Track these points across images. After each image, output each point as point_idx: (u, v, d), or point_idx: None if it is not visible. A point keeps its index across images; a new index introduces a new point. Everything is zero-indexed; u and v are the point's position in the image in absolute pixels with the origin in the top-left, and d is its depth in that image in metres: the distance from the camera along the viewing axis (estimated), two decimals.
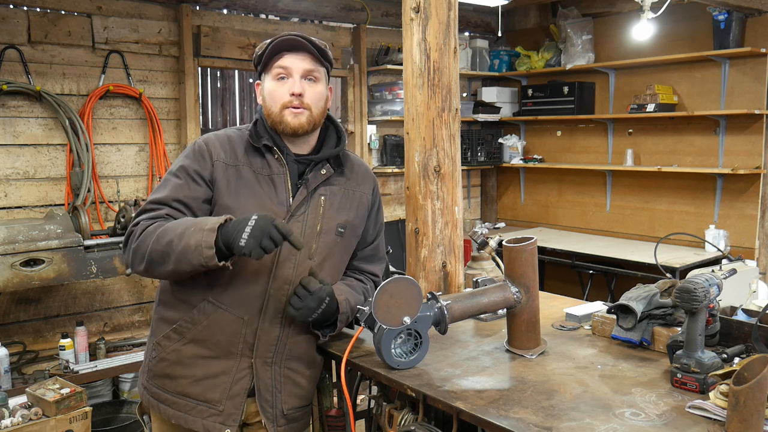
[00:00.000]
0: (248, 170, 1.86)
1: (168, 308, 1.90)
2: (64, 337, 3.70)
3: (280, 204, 1.85)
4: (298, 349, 1.93)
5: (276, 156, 1.89)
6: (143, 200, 4.19)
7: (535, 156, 6.12)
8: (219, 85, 6.35)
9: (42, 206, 4.04)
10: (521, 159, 6.16)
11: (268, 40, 1.88)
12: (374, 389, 2.16)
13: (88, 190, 4.05)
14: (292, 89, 1.85)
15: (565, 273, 5.65)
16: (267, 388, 1.88)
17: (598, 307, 2.30)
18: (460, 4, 2.50)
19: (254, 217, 1.66)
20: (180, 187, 1.83)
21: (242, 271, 1.82)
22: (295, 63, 1.85)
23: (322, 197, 1.91)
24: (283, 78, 1.86)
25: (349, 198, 1.97)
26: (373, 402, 2.05)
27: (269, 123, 1.90)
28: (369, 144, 5.53)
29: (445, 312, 1.86)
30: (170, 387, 1.87)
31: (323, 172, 1.91)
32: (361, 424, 2.21)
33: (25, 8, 3.94)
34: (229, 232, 1.67)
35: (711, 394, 1.53)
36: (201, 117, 5.09)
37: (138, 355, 3.84)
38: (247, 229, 1.64)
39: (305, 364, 1.96)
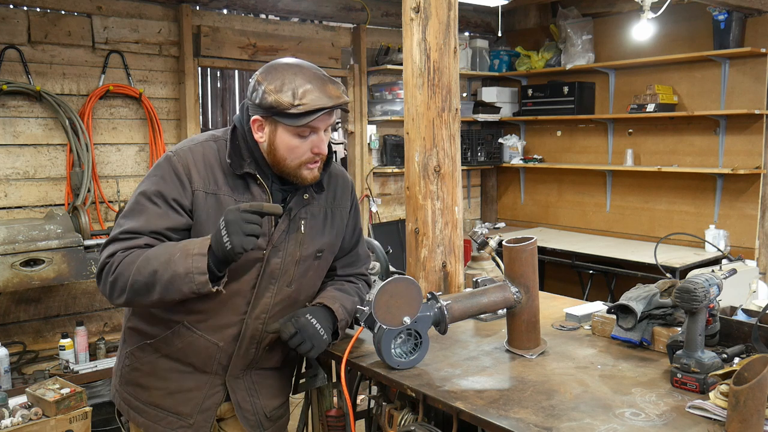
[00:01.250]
0: (229, 199, 1.74)
1: (142, 321, 1.84)
2: (64, 337, 3.69)
3: (261, 235, 1.71)
4: (270, 361, 1.92)
5: (258, 182, 1.78)
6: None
7: (535, 156, 6.12)
8: (219, 85, 6.36)
9: (42, 206, 4.04)
10: (521, 159, 6.16)
11: (296, 98, 1.65)
12: (374, 389, 2.16)
13: (88, 190, 4.05)
14: (317, 148, 1.73)
15: (565, 273, 5.65)
16: (245, 399, 1.88)
17: (598, 307, 2.30)
18: (460, 4, 2.50)
19: (222, 219, 1.60)
20: (159, 217, 1.70)
21: (220, 301, 1.76)
22: (324, 123, 1.72)
23: (302, 221, 1.82)
24: (305, 135, 1.72)
25: (328, 218, 1.90)
26: (373, 402, 2.05)
27: (276, 169, 1.77)
28: (369, 144, 5.53)
29: (445, 312, 1.86)
30: (142, 396, 1.85)
31: (306, 196, 1.83)
32: (361, 424, 2.22)
33: (25, 8, 3.94)
34: (212, 246, 1.61)
35: (711, 394, 1.53)
36: (201, 117, 5.09)
37: None
38: (223, 233, 1.57)
39: (275, 365, 1.95)
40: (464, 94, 6.24)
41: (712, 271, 1.81)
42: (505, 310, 1.97)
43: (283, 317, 1.83)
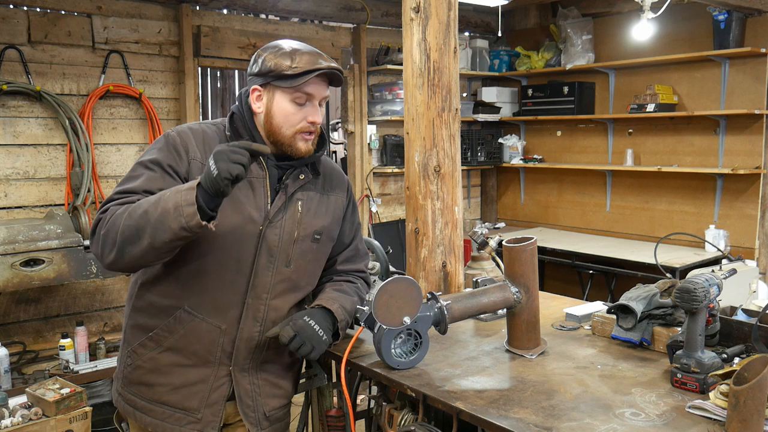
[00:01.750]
0: None
1: (143, 315, 1.84)
2: (64, 337, 3.69)
3: (258, 209, 1.80)
4: (276, 355, 1.91)
5: (257, 159, 1.81)
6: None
7: (535, 156, 6.12)
8: (219, 85, 6.36)
9: (42, 206, 4.04)
10: (521, 159, 6.16)
11: (289, 56, 1.77)
12: (374, 389, 2.16)
13: (88, 190, 4.06)
14: (311, 117, 1.80)
15: (565, 273, 5.65)
16: (247, 394, 1.87)
17: (598, 307, 2.30)
18: (460, 4, 2.50)
19: (211, 154, 1.59)
20: (154, 180, 1.74)
21: (219, 280, 1.79)
22: (318, 90, 1.81)
23: (300, 202, 1.86)
24: (301, 103, 1.80)
25: (324, 203, 1.94)
26: (373, 402, 2.05)
27: (270, 140, 1.83)
28: (369, 144, 5.53)
29: (445, 312, 1.86)
30: (147, 394, 1.84)
31: (302, 177, 1.87)
32: (361, 424, 2.22)
33: (25, 8, 3.94)
34: (203, 182, 1.59)
35: (711, 394, 1.53)
36: (201, 117, 5.09)
37: None
38: (211, 163, 1.56)
39: (282, 366, 1.95)
40: (464, 94, 6.24)
41: (712, 271, 1.81)
42: (505, 310, 1.97)
43: (283, 299, 1.85)
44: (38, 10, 3.97)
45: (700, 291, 1.62)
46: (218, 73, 6.30)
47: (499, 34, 6.17)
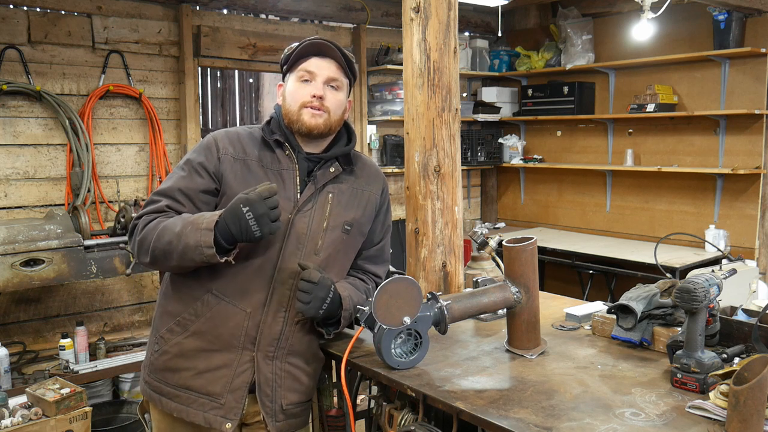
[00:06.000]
0: (257, 165, 1.90)
1: (172, 301, 1.92)
2: (64, 337, 3.69)
3: (287, 199, 1.87)
4: (300, 345, 1.93)
5: (287, 152, 1.92)
6: (143, 200, 4.20)
7: (535, 156, 6.12)
8: (219, 85, 6.36)
9: (42, 206, 4.04)
10: (521, 159, 6.16)
11: (298, 43, 1.93)
12: (374, 389, 2.16)
13: (88, 190, 4.06)
14: (313, 91, 1.90)
15: (565, 273, 5.65)
16: (267, 383, 1.89)
17: (598, 307, 2.30)
18: (460, 4, 2.50)
19: (244, 208, 1.69)
20: (182, 179, 1.89)
21: (246, 264, 1.84)
22: (321, 69, 1.91)
23: (330, 194, 1.93)
24: (306, 81, 1.91)
25: (357, 196, 1.99)
26: (373, 402, 2.05)
27: (286, 121, 1.94)
28: (369, 144, 5.53)
29: (445, 312, 1.86)
30: (172, 380, 1.88)
31: (332, 170, 1.95)
32: (361, 424, 2.22)
33: (25, 8, 3.94)
34: (229, 228, 1.71)
35: (711, 394, 1.53)
36: (201, 117, 5.09)
37: (138, 355, 3.84)
38: (251, 221, 1.68)
39: (306, 360, 1.97)
40: (464, 94, 6.24)
41: (712, 271, 1.81)
42: (505, 310, 1.97)
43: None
44: (38, 10, 3.98)
45: (700, 291, 1.62)
46: (218, 73, 6.30)
47: (499, 34, 6.18)
